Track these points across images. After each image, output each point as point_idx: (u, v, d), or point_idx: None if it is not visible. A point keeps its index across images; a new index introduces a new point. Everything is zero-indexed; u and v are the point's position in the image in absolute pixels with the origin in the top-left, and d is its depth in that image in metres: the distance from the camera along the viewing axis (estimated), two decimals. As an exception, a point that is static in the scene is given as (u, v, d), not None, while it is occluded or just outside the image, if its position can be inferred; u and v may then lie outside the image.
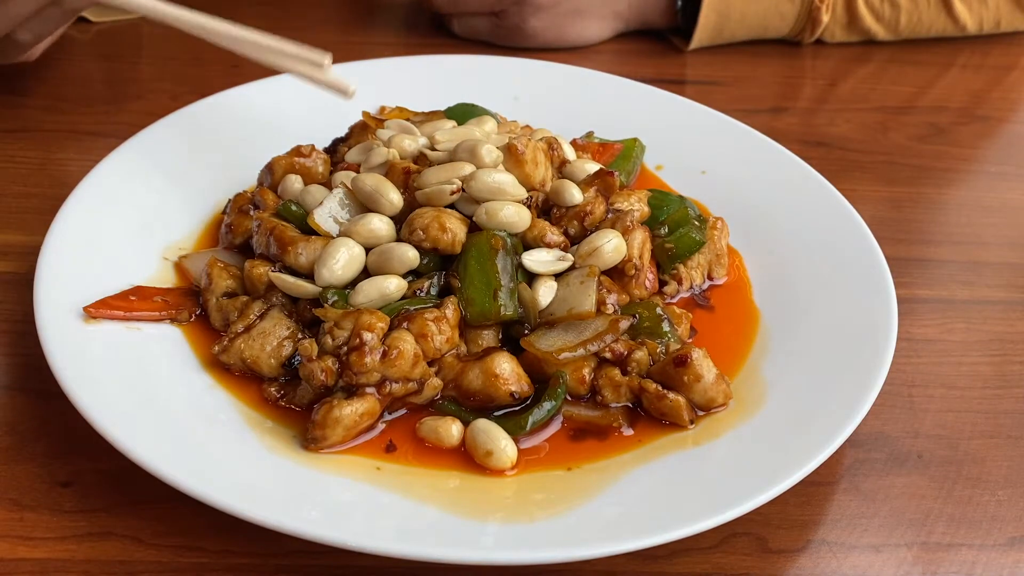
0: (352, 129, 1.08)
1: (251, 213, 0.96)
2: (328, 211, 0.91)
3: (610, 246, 0.90)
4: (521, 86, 1.21)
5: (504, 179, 0.90)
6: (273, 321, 0.86)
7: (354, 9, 1.54)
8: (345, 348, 0.81)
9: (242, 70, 1.34)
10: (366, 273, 0.88)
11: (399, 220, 0.90)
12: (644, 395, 0.84)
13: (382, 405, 0.81)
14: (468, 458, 0.81)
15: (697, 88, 1.40)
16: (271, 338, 0.86)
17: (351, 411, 0.79)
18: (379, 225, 0.88)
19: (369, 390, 0.80)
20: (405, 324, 0.83)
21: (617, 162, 1.09)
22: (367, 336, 0.80)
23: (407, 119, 1.06)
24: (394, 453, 0.81)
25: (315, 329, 0.85)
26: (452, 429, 0.81)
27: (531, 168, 0.93)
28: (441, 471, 0.80)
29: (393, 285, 0.85)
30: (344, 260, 0.86)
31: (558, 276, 0.89)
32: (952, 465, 0.87)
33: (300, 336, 0.85)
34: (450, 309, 0.84)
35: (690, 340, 0.92)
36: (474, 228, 0.89)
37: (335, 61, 1.24)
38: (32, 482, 0.79)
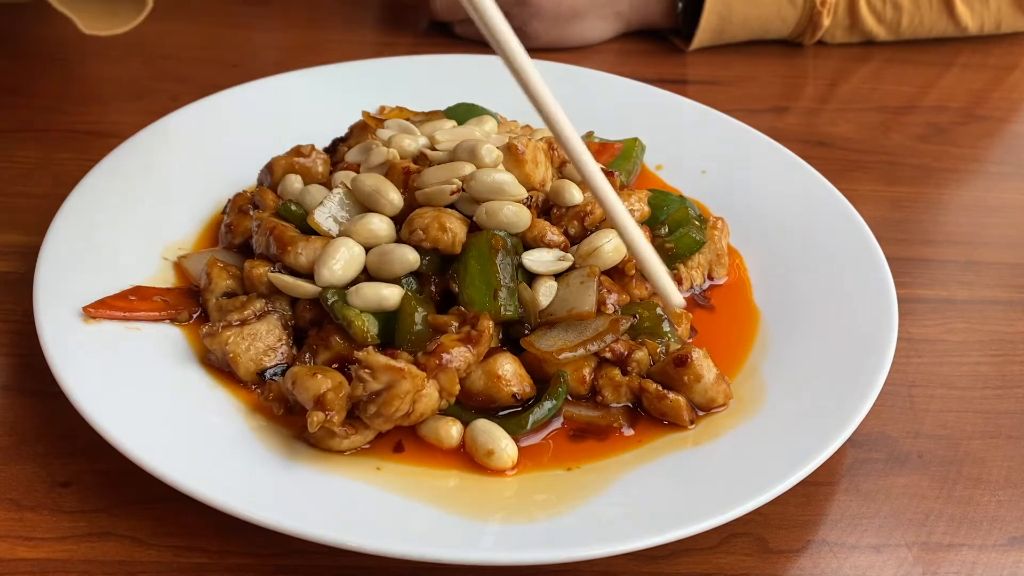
0: (352, 129, 1.08)
1: (251, 213, 0.96)
2: (328, 211, 0.91)
3: (610, 246, 0.90)
4: (521, 86, 1.21)
5: (504, 179, 0.89)
6: (268, 326, 0.86)
7: (353, 9, 1.54)
8: (372, 395, 0.78)
9: (242, 70, 1.34)
10: (366, 273, 0.88)
11: (399, 220, 0.89)
12: (644, 395, 0.84)
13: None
14: (468, 458, 0.81)
15: (697, 88, 1.40)
16: (258, 342, 0.85)
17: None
18: (379, 225, 0.88)
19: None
20: (435, 374, 0.80)
21: (617, 162, 1.09)
22: (399, 404, 0.78)
23: (407, 119, 1.05)
24: (395, 453, 0.81)
25: (309, 333, 0.86)
26: (452, 430, 0.81)
27: (531, 168, 0.92)
28: (441, 471, 0.80)
29: (393, 298, 0.85)
30: (344, 260, 0.86)
31: (558, 276, 0.89)
32: (952, 465, 0.87)
33: (287, 349, 0.86)
34: (483, 344, 0.83)
35: (690, 340, 0.92)
36: (474, 228, 0.89)
37: (333, 60, 1.23)
38: (32, 482, 0.80)
